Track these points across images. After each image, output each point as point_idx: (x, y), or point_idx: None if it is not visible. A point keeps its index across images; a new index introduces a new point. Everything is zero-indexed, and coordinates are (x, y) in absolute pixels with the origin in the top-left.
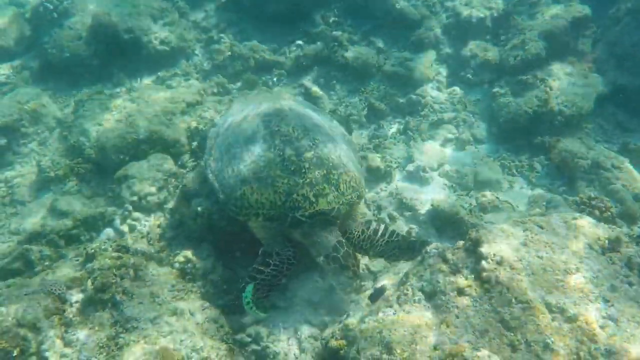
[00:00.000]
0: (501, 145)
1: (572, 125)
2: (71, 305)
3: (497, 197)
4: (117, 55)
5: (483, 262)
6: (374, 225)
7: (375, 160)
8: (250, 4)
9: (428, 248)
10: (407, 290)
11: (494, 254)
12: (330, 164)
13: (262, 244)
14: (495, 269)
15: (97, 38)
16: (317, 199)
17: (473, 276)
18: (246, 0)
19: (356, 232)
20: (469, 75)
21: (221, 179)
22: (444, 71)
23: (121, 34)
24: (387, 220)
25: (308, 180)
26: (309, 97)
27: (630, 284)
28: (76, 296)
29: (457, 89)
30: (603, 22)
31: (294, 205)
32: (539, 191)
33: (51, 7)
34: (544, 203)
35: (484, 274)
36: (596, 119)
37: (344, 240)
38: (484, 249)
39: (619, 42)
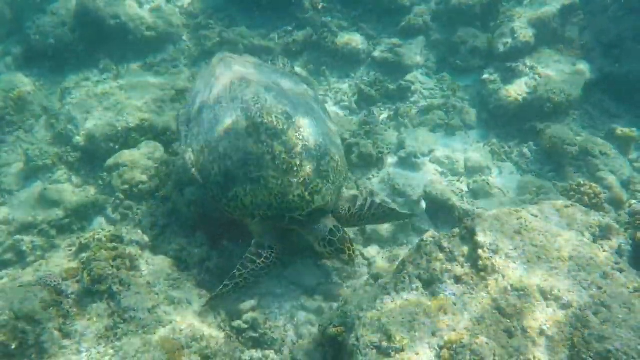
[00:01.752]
0: (491, 131)
1: (561, 112)
2: (67, 296)
3: (488, 183)
4: (103, 41)
5: (479, 251)
6: (360, 201)
7: (367, 146)
8: None
9: (424, 236)
10: (405, 278)
11: (490, 243)
12: (319, 154)
13: (255, 236)
14: (491, 257)
15: (82, 23)
16: (313, 197)
17: (469, 264)
18: None
19: (343, 211)
20: (459, 62)
21: (207, 176)
22: (433, 57)
23: (107, 20)
24: None
25: (302, 179)
26: None
27: (621, 271)
28: (72, 287)
29: (446, 75)
30: (590, 9)
31: (291, 207)
32: (528, 177)
33: None
34: (534, 189)
35: (480, 262)
36: (583, 105)
37: (340, 225)
38: (480, 238)
39: (606, 30)
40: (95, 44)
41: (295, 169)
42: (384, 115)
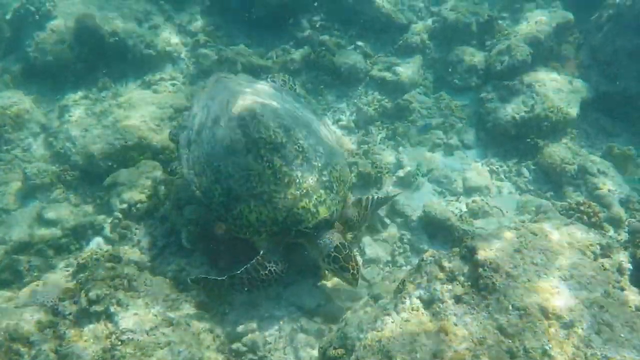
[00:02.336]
0: (489, 150)
1: (558, 130)
2: (64, 317)
3: (487, 203)
4: (101, 58)
5: (480, 270)
6: (363, 202)
7: (366, 166)
8: (237, 7)
9: (424, 256)
10: (405, 298)
11: (490, 262)
12: (319, 165)
13: (259, 251)
14: (491, 276)
15: (81, 41)
16: (317, 208)
17: (470, 283)
18: (232, 3)
19: (355, 218)
20: (456, 80)
21: (210, 197)
22: (430, 76)
23: (106, 37)
24: (379, 226)
25: (304, 190)
26: None
27: (622, 290)
28: (69, 308)
29: (444, 93)
30: (585, 27)
31: (296, 219)
32: (527, 196)
33: (33, 9)
34: (533, 208)
35: (481, 281)
36: (581, 124)
37: (346, 243)
38: (480, 256)
39: (602, 48)
40: (94, 61)
41: (298, 181)
42: (382, 135)
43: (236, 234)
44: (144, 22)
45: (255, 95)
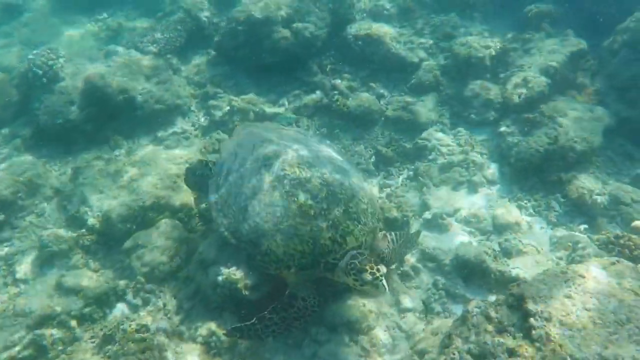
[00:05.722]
0: (514, 185)
1: (584, 160)
2: None
3: (520, 241)
4: (111, 117)
5: (531, 320)
6: (390, 236)
7: (392, 211)
8: (243, 56)
9: (469, 307)
10: (454, 354)
11: (542, 310)
12: (345, 197)
13: (289, 287)
14: (544, 326)
15: (89, 101)
16: (345, 239)
17: (522, 335)
18: (239, 52)
19: (387, 251)
20: (473, 115)
21: (239, 237)
22: (447, 112)
23: (114, 96)
24: (412, 273)
25: (330, 222)
26: None
27: None
28: None
29: (462, 129)
30: (598, 54)
31: (324, 250)
32: (561, 231)
33: (40, 72)
34: (570, 244)
35: (534, 332)
36: (605, 151)
37: (362, 251)
38: (530, 305)
39: (618, 74)
40: (103, 120)
41: (323, 212)
42: (404, 176)
43: (266, 270)
44: (152, 77)
45: (280, 139)
